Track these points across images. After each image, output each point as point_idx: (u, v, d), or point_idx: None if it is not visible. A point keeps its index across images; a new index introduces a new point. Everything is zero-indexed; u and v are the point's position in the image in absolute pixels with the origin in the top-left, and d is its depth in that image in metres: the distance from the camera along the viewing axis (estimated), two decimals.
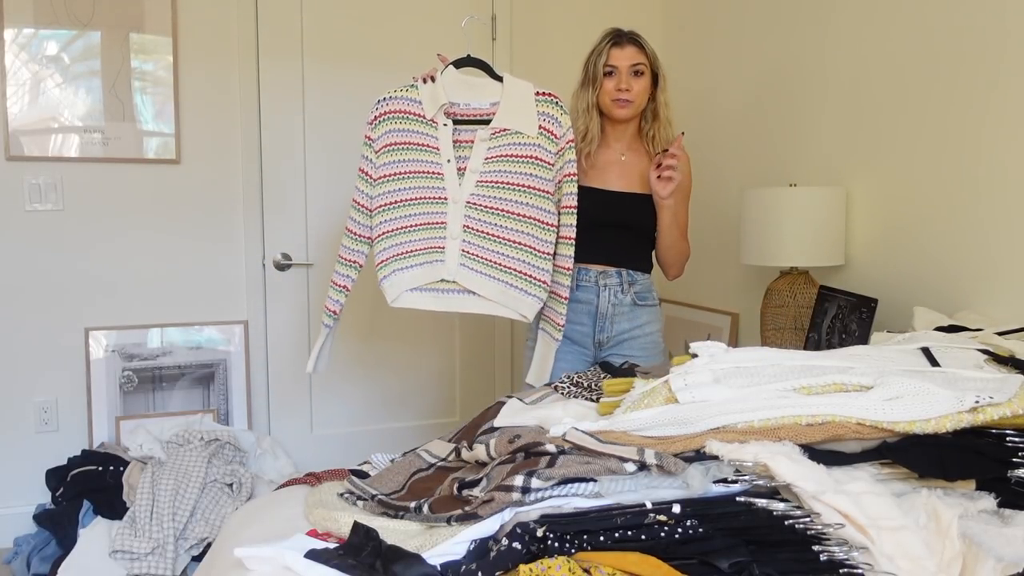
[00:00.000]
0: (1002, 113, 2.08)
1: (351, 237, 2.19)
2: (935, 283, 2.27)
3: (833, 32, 2.63)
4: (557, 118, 2.12)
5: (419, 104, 2.15)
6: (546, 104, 2.12)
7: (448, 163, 2.12)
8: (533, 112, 2.11)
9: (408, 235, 2.14)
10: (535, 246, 2.10)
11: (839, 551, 1.05)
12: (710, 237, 3.25)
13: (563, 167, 2.13)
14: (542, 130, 2.11)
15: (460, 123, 2.14)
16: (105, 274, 2.98)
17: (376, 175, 2.14)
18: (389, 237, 2.14)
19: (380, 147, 2.14)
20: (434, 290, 2.15)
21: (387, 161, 2.13)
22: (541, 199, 2.10)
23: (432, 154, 2.13)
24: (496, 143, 2.11)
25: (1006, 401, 1.21)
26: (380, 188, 2.14)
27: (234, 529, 1.47)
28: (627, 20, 2.32)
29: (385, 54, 3.24)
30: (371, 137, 2.16)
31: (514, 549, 1.04)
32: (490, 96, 2.14)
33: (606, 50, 2.22)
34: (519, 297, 2.11)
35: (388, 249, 2.14)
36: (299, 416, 3.27)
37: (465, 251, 2.12)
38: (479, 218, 2.11)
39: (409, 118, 2.14)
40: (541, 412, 1.54)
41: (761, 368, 1.37)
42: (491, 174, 2.11)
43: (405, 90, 2.17)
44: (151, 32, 2.95)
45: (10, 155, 2.83)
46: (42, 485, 2.83)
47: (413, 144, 2.13)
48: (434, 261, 2.14)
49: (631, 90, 2.20)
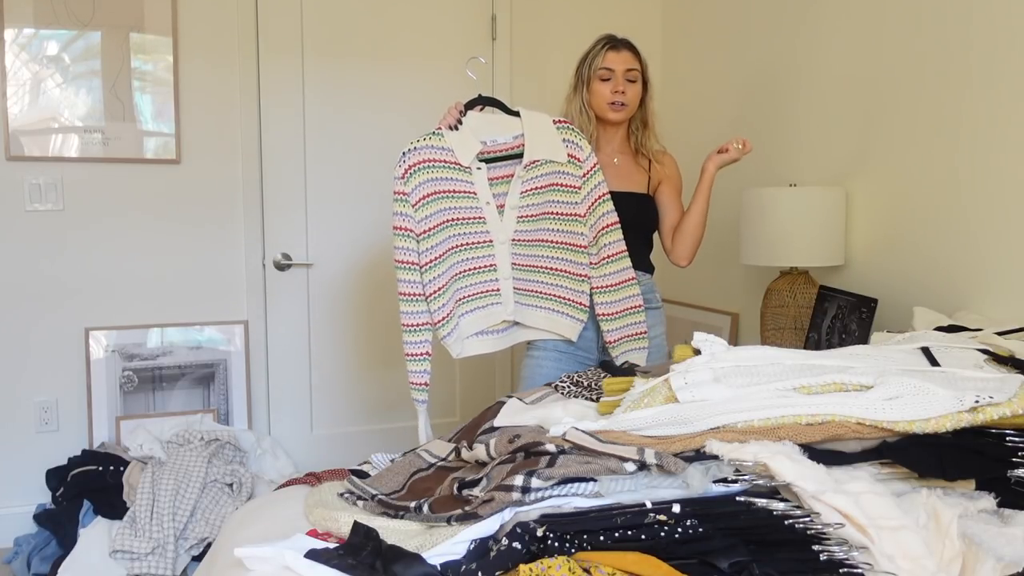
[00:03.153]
0: (1002, 113, 2.07)
1: (411, 300, 2.06)
2: (935, 283, 2.27)
3: (833, 32, 2.63)
4: (579, 143, 2.14)
5: (449, 152, 2.09)
6: (566, 131, 2.15)
7: (487, 205, 2.12)
8: (558, 139, 2.13)
9: (461, 281, 2.13)
10: (572, 270, 2.15)
11: (839, 551, 1.05)
12: (710, 237, 3.23)
13: (592, 190, 2.15)
14: (569, 156, 2.13)
15: (490, 160, 2.12)
16: (105, 274, 2.98)
17: (419, 230, 2.05)
18: (445, 292, 2.08)
19: (417, 200, 2.05)
20: (493, 332, 2.18)
21: (427, 214, 2.06)
22: (573, 223, 2.14)
23: (471, 199, 2.11)
24: (530, 175, 2.12)
25: (1006, 401, 1.21)
26: (425, 243, 2.06)
27: (234, 529, 1.47)
28: (627, 20, 2.33)
29: (385, 54, 3.24)
30: (404, 192, 2.04)
31: (514, 549, 1.04)
32: (512, 130, 2.14)
33: (602, 53, 2.24)
34: (562, 321, 2.17)
35: (447, 304, 2.09)
36: (299, 416, 3.27)
37: (518, 288, 2.16)
38: (523, 253, 2.16)
39: (440, 166, 2.08)
40: (541, 412, 1.54)
41: (761, 367, 1.37)
42: (528, 208, 2.14)
43: (429, 138, 2.09)
44: (151, 32, 2.95)
45: (10, 155, 2.83)
46: (42, 485, 2.83)
47: (450, 192, 2.10)
48: (491, 304, 2.16)
49: (626, 93, 2.23)
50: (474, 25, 3.36)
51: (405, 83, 3.27)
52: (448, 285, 2.10)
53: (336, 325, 3.29)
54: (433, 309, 2.07)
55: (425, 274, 2.06)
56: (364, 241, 3.29)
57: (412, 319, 2.07)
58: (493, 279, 2.15)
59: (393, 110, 3.26)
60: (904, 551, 1.06)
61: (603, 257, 2.17)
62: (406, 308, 2.07)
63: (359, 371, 3.34)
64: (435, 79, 3.31)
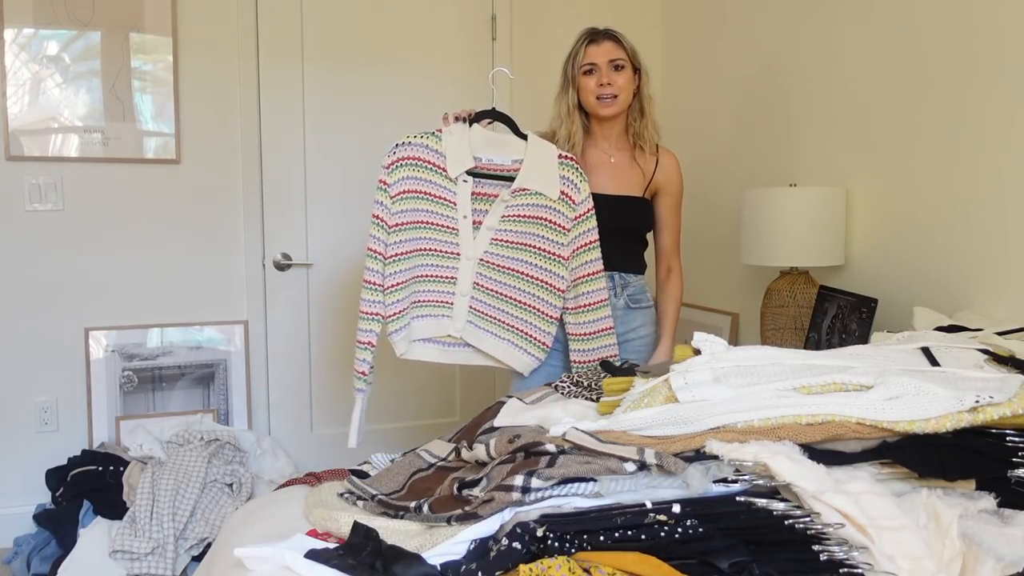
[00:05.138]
0: (1002, 113, 2.07)
1: (371, 288, 2.07)
2: (935, 283, 2.27)
3: (833, 32, 2.63)
4: (577, 184, 2.10)
5: (440, 156, 2.07)
6: (567, 168, 2.10)
7: (464, 219, 2.08)
8: (556, 175, 2.08)
9: (420, 285, 2.11)
10: (543, 309, 2.11)
11: (839, 551, 1.05)
12: (710, 237, 3.25)
13: (581, 235, 2.12)
14: (562, 194, 2.08)
15: (479, 176, 2.09)
16: (105, 274, 2.98)
17: (391, 222, 2.07)
18: (402, 288, 2.08)
19: (395, 193, 2.06)
20: (440, 343, 2.14)
21: (402, 209, 2.06)
22: (554, 263, 2.10)
23: (448, 208, 2.08)
24: (516, 202, 2.08)
25: (1006, 401, 1.21)
26: (394, 236, 2.07)
27: (234, 529, 1.47)
28: (627, 20, 2.33)
29: (385, 53, 3.24)
30: (386, 182, 2.06)
31: (514, 549, 1.04)
32: (512, 153, 2.10)
33: (582, 49, 2.21)
34: (519, 356, 2.14)
35: (402, 300, 2.08)
36: (299, 416, 3.27)
37: (473, 308, 2.12)
38: (490, 276, 2.11)
39: (427, 167, 2.07)
40: (541, 412, 1.54)
41: (761, 367, 1.37)
42: (506, 233, 2.10)
43: (425, 137, 2.08)
44: (151, 32, 2.95)
45: (10, 155, 2.83)
46: (42, 485, 2.83)
47: (430, 195, 2.08)
48: (441, 316, 2.12)
49: (613, 84, 2.17)
50: (474, 25, 3.37)
51: (405, 82, 3.28)
52: (407, 283, 2.09)
53: (336, 325, 3.29)
54: (388, 302, 2.07)
55: (388, 266, 2.06)
56: (364, 241, 3.28)
57: (368, 307, 2.07)
58: (450, 291, 2.11)
59: (393, 109, 3.26)
60: (904, 551, 1.06)
61: (582, 304, 2.14)
62: (365, 296, 2.08)
63: None
64: (435, 78, 3.31)
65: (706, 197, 3.23)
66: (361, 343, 2.09)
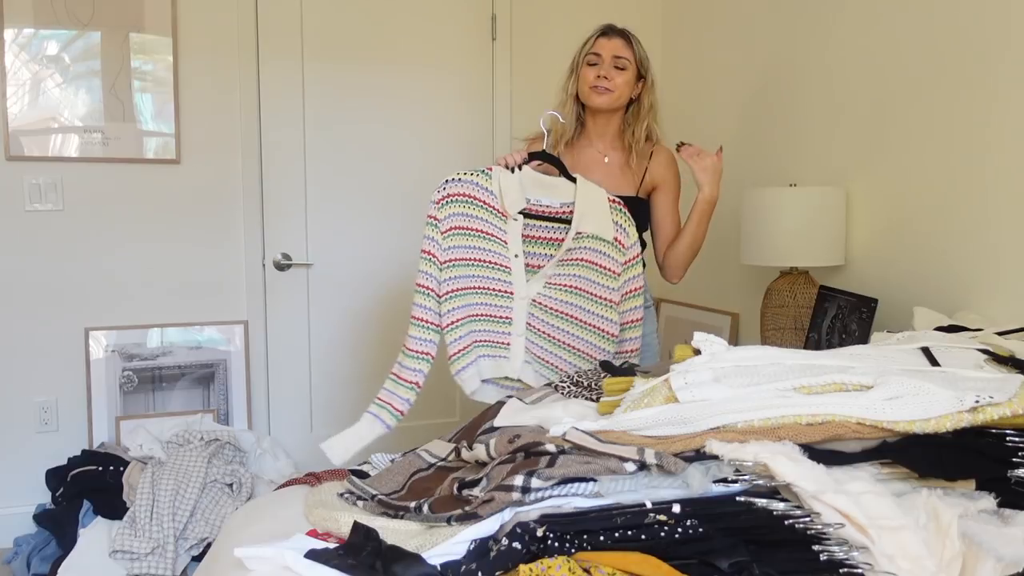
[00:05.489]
0: (1002, 113, 2.07)
1: (420, 326, 2.01)
2: (935, 283, 2.27)
3: (833, 32, 2.63)
4: (626, 229, 2.07)
5: (490, 193, 2.04)
6: (618, 213, 2.07)
7: (516, 258, 2.06)
8: (609, 219, 2.05)
9: (477, 324, 2.08)
10: (594, 354, 2.08)
11: (839, 551, 1.05)
12: (710, 237, 3.22)
13: (629, 281, 2.09)
14: (615, 240, 2.06)
15: (529, 217, 2.06)
16: (105, 274, 2.98)
17: (443, 258, 2.03)
18: (461, 325, 2.04)
19: (446, 229, 2.03)
20: (499, 385, 2.11)
21: (453, 245, 2.04)
22: (605, 308, 2.08)
23: (499, 245, 2.06)
24: (574, 245, 2.06)
25: (1006, 401, 1.21)
26: (447, 273, 2.03)
27: (234, 529, 1.47)
28: (627, 20, 2.32)
29: (385, 53, 3.24)
30: (437, 217, 2.03)
31: (514, 549, 1.04)
32: (561, 196, 2.07)
33: (592, 40, 2.21)
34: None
35: (464, 338, 2.04)
36: (299, 416, 3.27)
37: (529, 350, 2.10)
38: (542, 318, 2.09)
39: (478, 204, 2.05)
40: (541, 412, 1.54)
41: (761, 367, 1.37)
42: (561, 276, 2.08)
43: (475, 175, 2.05)
44: (151, 32, 2.95)
45: (10, 155, 2.83)
46: (42, 485, 2.83)
47: (481, 232, 2.05)
48: (499, 356, 2.10)
49: (611, 80, 2.17)
50: (474, 25, 3.37)
51: (405, 82, 3.28)
52: (464, 321, 2.05)
53: (336, 325, 3.29)
54: (449, 341, 2.03)
55: (443, 304, 2.03)
56: (364, 241, 3.29)
57: (417, 345, 2.02)
58: (506, 332, 2.08)
59: (393, 109, 3.27)
60: (904, 551, 1.06)
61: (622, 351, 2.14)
62: (413, 332, 2.02)
63: (359, 371, 3.33)
64: (435, 78, 3.31)
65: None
66: (406, 381, 2.01)
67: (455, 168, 2.09)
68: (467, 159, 3.34)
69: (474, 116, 3.39)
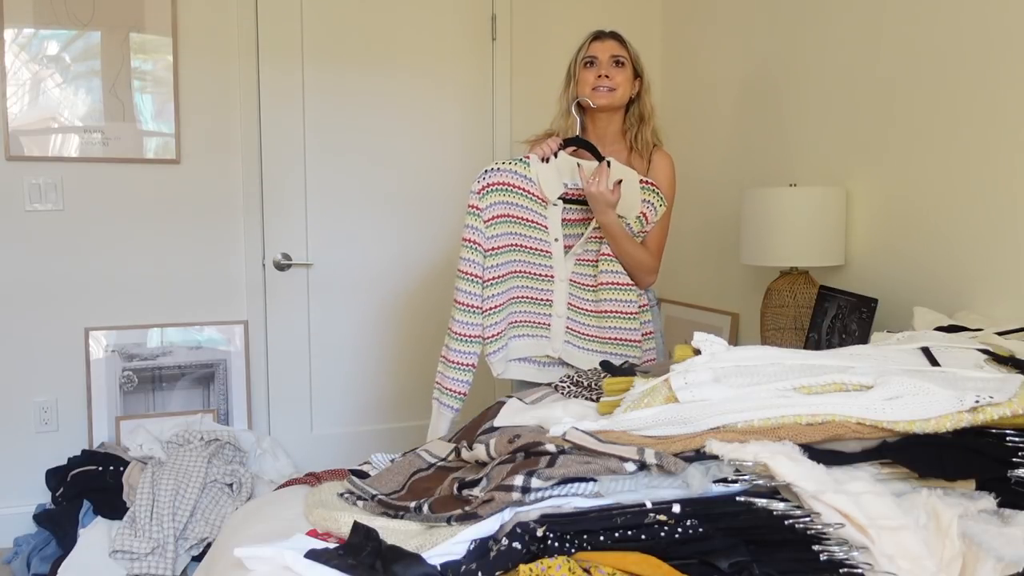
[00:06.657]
0: (1002, 113, 2.07)
1: (465, 310, 2.08)
2: (935, 283, 2.27)
3: (833, 31, 2.63)
4: (656, 206, 2.16)
5: (530, 182, 2.12)
6: (649, 192, 2.15)
7: (556, 242, 2.15)
8: (638, 198, 2.13)
9: (516, 306, 2.16)
10: (622, 310, 2.15)
11: (839, 551, 1.05)
12: (710, 237, 3.25)
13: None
14: (640, 215, 2.14)
15: (568, 202, 2.15)
16: (105, 274, 2.98)
17: (487, 246, 2.10)
18: (500, 310, 2.12)
19: (489, 218, 2.10)
20: (537, 363, 2.19)
21: (496, 233, 2.11)
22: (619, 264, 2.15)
23: (541, 231, 2.15)
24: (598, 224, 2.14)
25: (1006, 401, 1.21)
26: (491, 260, 2.11)
27: (234, 529, 1.47)
28: (627, 20, 2.33)
29: (385, 53, 3.24)
30: (478, 207, 2.09)
31: (514, 549, 1.04)
32: None
33: (586, 45, 2.24)
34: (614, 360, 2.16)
35: (500, 322, 2.12)
36: (299, 416, 3.27)
37: (569, 328, 2.17)
38: (578, 295, 2.17)
39: (518, 192, 2.12)
40: (541, 412, 1.54)
41: (761, 367, 1.37)
42: (587, 252, 2.17)
43: (515, 164, 2.13)
44: (151, 32, 2.95)
45: (10, 155, 2.83)
46: (42, 485, 2.83)
47: (522, 219, 2.13)
48: (539, 336, 2.18)
49: (612, 78, 2.19)
50: (474, 25, 3.37)
51: (405, 81, 3.28)
52: (504, 306, 2.13)
53: (336, 325, 3.29)
54: (487, 324, 2.10)
55: (487, 289, 2.10)
56: (364, 241, 3.29)
57: (465, 329, 2.09)
58: (547, 313, 2.17)
59: (393, 108, 3.27)
60: (904, 551, 1.06)
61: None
62: (461, 318, 2.08)
63: (359, 371, 3.34)
64: (435, 78, 3.31)
65: (706, 197, 3.23)
66: (461, 364, 2.10)
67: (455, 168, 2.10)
68: (467, 159, 3.34)
69: (474, 116, 3.39)
